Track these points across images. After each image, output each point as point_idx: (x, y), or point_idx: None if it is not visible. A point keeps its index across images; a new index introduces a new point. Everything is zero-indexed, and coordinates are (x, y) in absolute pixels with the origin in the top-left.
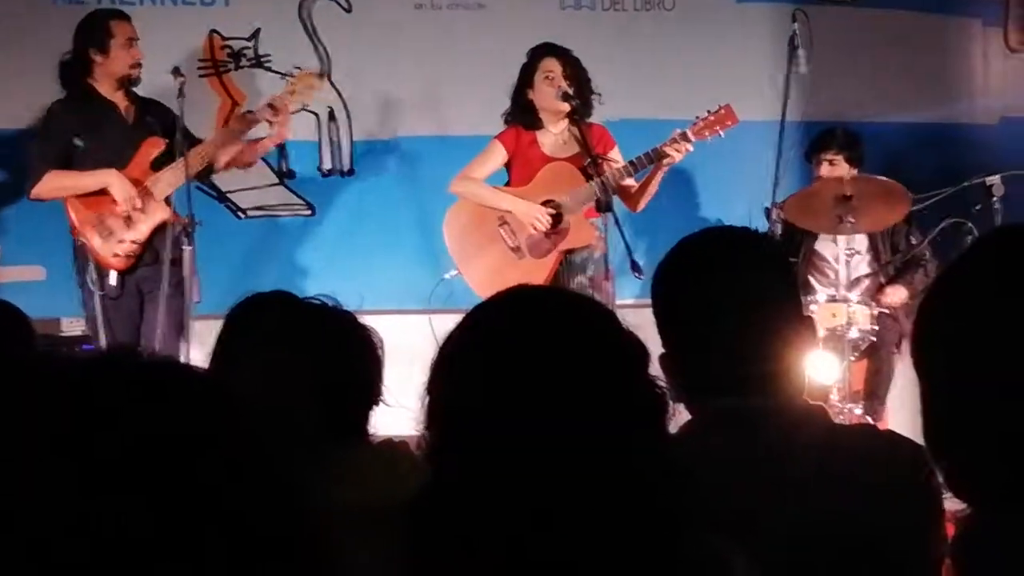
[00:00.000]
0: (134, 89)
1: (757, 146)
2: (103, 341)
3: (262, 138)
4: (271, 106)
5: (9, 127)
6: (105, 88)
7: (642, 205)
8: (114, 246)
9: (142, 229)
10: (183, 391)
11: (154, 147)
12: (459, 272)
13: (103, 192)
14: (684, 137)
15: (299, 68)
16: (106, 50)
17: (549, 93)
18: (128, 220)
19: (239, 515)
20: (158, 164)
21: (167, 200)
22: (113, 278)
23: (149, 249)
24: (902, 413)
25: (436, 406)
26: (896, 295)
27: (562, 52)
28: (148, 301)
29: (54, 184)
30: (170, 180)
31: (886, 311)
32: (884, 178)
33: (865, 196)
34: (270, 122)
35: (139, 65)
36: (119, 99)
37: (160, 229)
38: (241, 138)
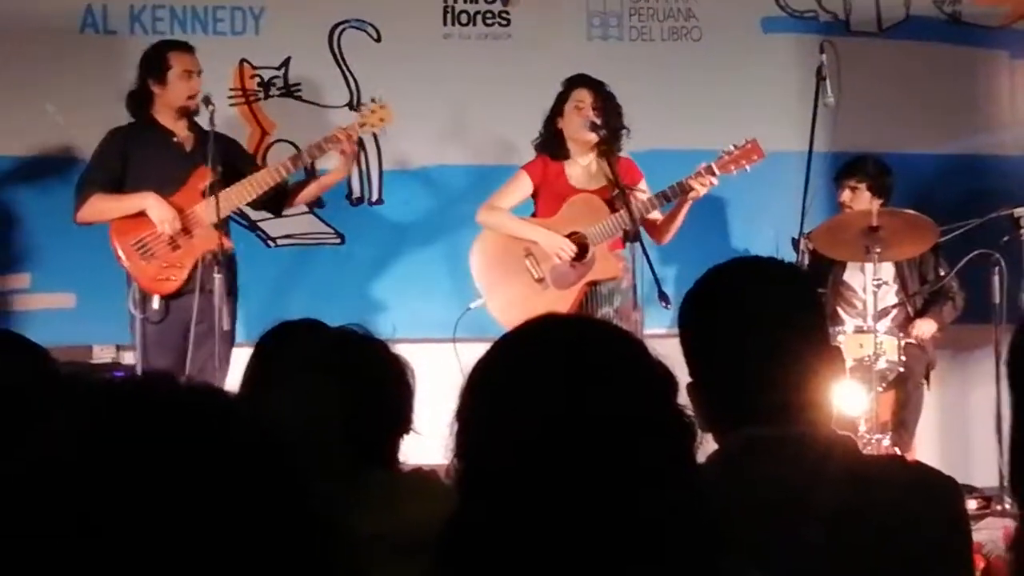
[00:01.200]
0: (197, 120)
1: (784, 176)
2: (140, 366)
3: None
4: (338, 138)
5: (33, 154)
6: (166, 118)
7: (668, 238)
8: (157, 270)
9: (186, 254)
10: (211, 418)
11: (204, 177)
12: (484, 302)
13: (144, 216)
14: (709, 170)
15: (373, 99)
16: (164, 81)
17: (578, 123)
18: (174, 245)
19: (269, 543)
20: (210, 193)
21: (220, 229)
22: (156, 302)
23: (195, 276)
24: (930, 444)
25: (465, 435)
26: (925, 328)
27: (595, 84)
28: (193, 328)
29: (97, 207)
30: (220, 206)
31: (914, 342)
32: (911, 211)
33: (892, 227)
34: (342, 153)
35: (195, 96)
36: (179, 128)
37: (211, 256)
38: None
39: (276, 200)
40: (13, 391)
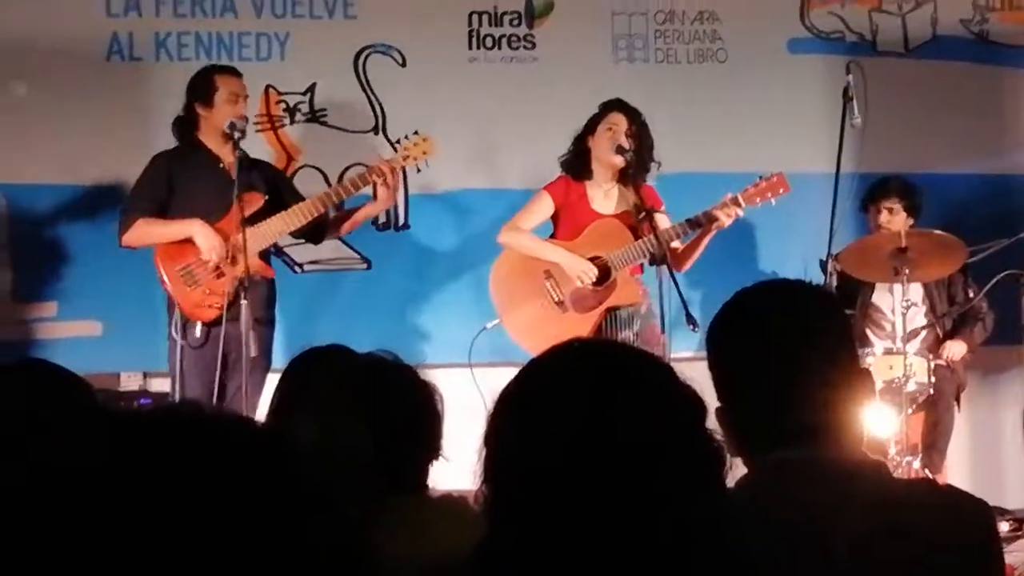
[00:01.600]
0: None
1: (812, 198)
2: (178, 393)
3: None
4: (382, 170)
5: (60, 182)
6: (212, 142)
7: (687, 266)
8: (201, 297)
9: (229, 282)
10: (238, 445)
11: (251, 203)
12: (500, 322)
13: (190, 242)
14: (735, 202)
15: (416, 133)
16: (210, 104)
17: (607, 145)
18: (218, 272)
19: (299, 569)
20: (254, 220)
21: (263, 257)
22: (198, 329)
23: (236, 303)
24: (960, 466)
25: (493, 461)
26: (956, 350)
27: (631, 111)
28: (228, 355)
29: (142, 232)
30: (264, 233)
31: (943, 363)
32: (940, 232)
33: (921, 248)
34: (385, 185)
35: (242, 119)
36: (225, 154)
37: (252, 284)
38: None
39: (317, 230)
40: (44, 421)
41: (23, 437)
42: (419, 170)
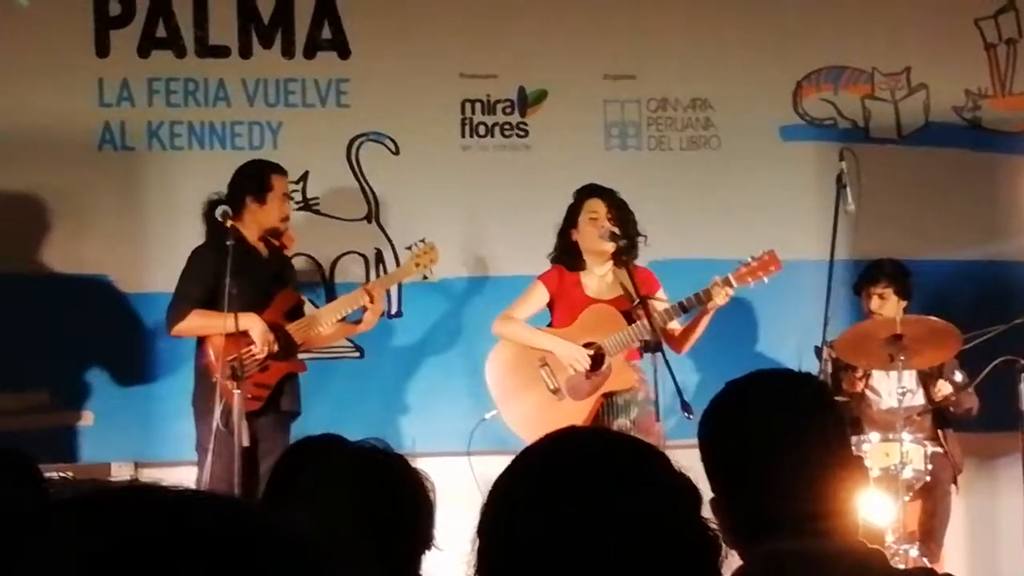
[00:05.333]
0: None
1: (806, 284)
2: (207, 482)
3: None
4: (367, 292)
5: (51, 272)
6: (251, 235)
7: (687, 347)
8: (248, 388)
9: (272, 375)
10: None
11: (290, 299)
12: (498, 412)
13: (243, 334)
14: (726, 282)
15: (423, 241)
16: (263, 200)
17: (593, 234)
18: (263, 365)
19: None
20: (291, 316)
21: (293, 353)
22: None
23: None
24: (958, 553)
25: (487, 551)
26: (945, 389)
27: (607, 193)
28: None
29: (199, 323)
30: (303, 332)
31: (940, 450)
32: (935, 318)
33: (917, 335)
34: (365, 307)
35: (287, 219)
36: (259, 246)
37: (289, 378)
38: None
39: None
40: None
41: None
42: (426, 277)
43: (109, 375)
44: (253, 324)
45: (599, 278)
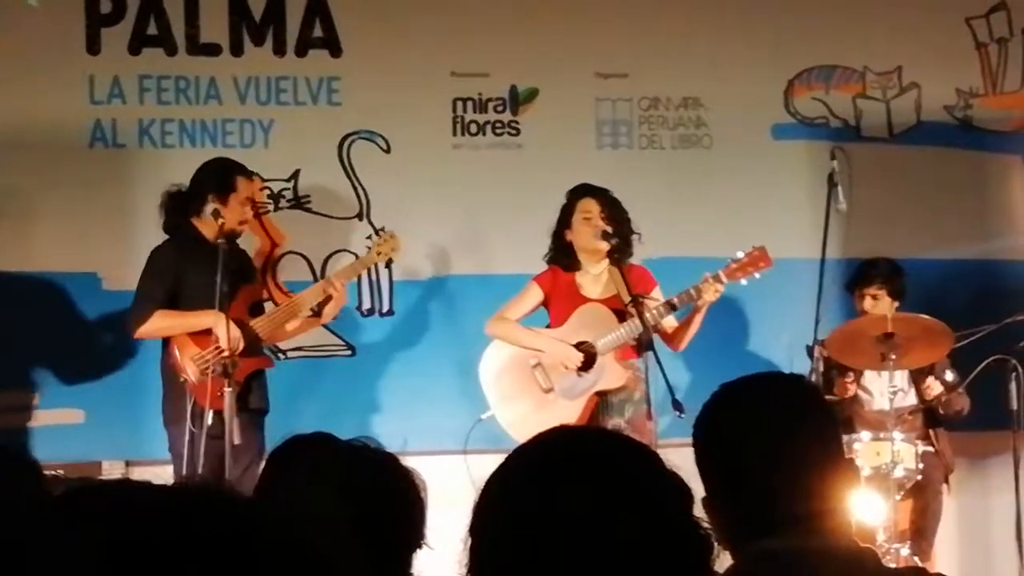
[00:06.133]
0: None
1: (797, 283)
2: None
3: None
4: (330, 283)
5: (41, 269)
6: (208, 232)
7: (683, 344)
8: (217, 386)
9: (240, 372)
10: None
11: (252, 294)
12: (493, 413)
13: (207, 333)
14: (716, 279)
15: (383, 229)
16: (225, 201)
17: (587, 233)
18: (230, 362)
19: None
20: (254, 311)
21: (260, 346)
22: (211, 418)
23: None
24: (949, 553)
25: (478, 550)
26: (935, 386)
27: (600, 192)
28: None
29: (162, 324)
30: (267, 327)
31: (931, 449)
32: (927, 317)
33: (908, 334)
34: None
35: (246, 223)
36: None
37: (256, 375)
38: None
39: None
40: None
41: None
42: (388, 265)
43: (99, 373)
44: (217, 322)
45: (594, 277)
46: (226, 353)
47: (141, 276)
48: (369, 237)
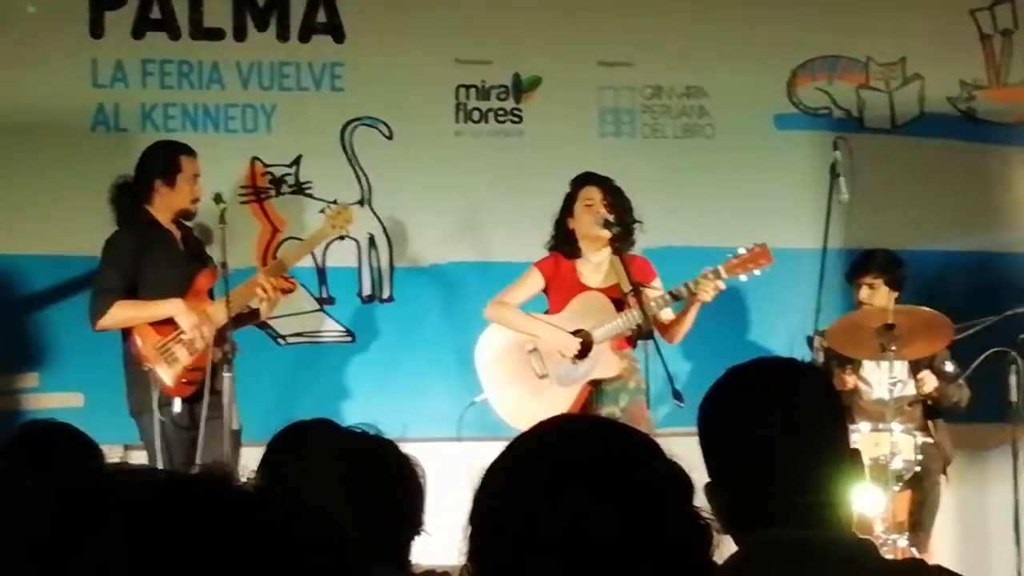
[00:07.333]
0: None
1: (799, 273)
2: (160, 466)
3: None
4: (286, 259)
5: (43, 253)
6: (163, 217)
7: (678, 338)
8: (181, 373)
9: (203, 357)
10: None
11: (210, 279)
12: (486, 397)
13: (168, 320)
14: (716, 274)
15: (335, 202)
16: (172, 182)
17: (589, 220)
18: (193, 348)
19: None
20: (212, 295)
21: (229, 330)
22: (178, 405)
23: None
24: (947, 544)
25: (479, 537)
26: (929, 381)
27: (603, 180)
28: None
29: (122, 314)
30: (224, 310)
31: (930, 441)
32: (927, 308)
33: (908, 325)
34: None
35: (198, 201)
36: (173, 228)
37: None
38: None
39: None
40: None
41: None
42: (342, 238)
43: (99, 357)
44: (179, 309)
45: (595, 266)
46: (189, 341)
47: (98, 267)
48: (322, 211)
